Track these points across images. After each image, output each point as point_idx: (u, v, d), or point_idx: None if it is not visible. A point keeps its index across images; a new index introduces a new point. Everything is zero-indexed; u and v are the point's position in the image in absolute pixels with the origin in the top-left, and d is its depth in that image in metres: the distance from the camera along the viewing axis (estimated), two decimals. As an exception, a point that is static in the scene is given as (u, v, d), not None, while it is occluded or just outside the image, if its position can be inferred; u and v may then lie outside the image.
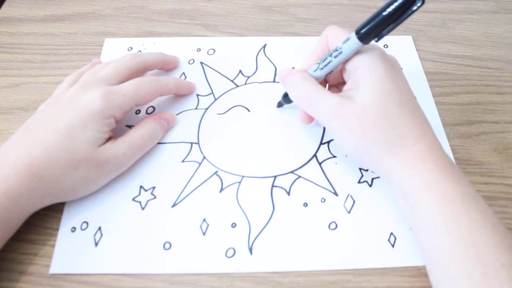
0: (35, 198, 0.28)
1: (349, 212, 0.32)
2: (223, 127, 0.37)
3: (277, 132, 0.36)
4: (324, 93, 0.30)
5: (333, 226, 0.31)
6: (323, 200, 0.32)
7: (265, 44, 0.43)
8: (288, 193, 0.33)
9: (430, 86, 0.40)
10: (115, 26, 0.45)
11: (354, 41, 0.28)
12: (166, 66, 0.40)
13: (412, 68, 0.41)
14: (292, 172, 0.34)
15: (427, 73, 0.41)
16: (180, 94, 0.38)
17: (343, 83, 0.32)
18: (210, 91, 0.39)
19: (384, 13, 0.26)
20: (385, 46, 0.43)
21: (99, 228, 0.31)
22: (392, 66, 0.29)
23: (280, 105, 0.37)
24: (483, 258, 0.24)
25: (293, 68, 0.33)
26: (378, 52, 0.29)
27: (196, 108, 0.38)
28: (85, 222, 0.31)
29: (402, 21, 0.26)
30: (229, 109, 0.38)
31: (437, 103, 0.39)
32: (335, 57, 0.30)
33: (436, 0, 0.49)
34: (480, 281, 0.23)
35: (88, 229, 0.31)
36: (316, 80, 0.31)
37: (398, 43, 0.43)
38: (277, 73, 0.32)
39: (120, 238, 0.30)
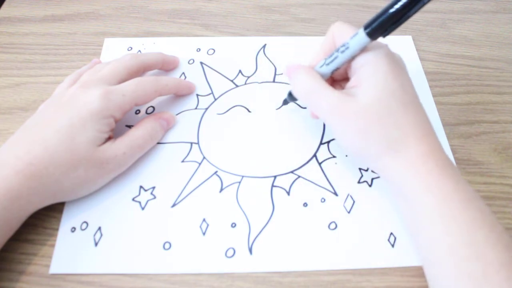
0: (35, 198, 0.28)
1: (349, 212, 0.32)
2: (223, 127, 0.37)
3: (277, 132, 0.36)
4: (326, 89, 0.29)
5: (333, 226, 0.31)
6: (323, 200, 0.32)
7: (265, 44, 0.43)
8: (288, 193, 0.33)
9: (430, 86, 0.40)
10: (115, 26, 0.45)
11: (362, 37, 0.28)
12: (166, 66, 0.40)
13: (412, 68, 0.41)
14: (292, 172, 0.34)
15: (427, 73, 0.41)
16: (180, 94, 0.38)
17: (347, 79, 0.32)
18: (210, 91, 0.39)
19: (392, 9, 0.25)
20: (385, 46, 0.43)
21: (99, 228, 0.31)
22: (397, 64, 0.29)
23: (285, 102, 0.37)
24: (483, 257, 0.24)
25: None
26: (384, 50, 0.29)
27: (196, 108, 0.38)
28: (85, 222, 0.31)
29: (410, 16, 0.26)
30: (229, 109, 0.38)
31: (437, 103, 0.39)
32: (342, 52, 0.29)
33: (436, 0, 0.49)
34: (480, 280, 0.23)
35: (88, 229, 0.31)
36: (321, 76, 0.31)
37: (398, 43, 0.43)
38: (285, 67, 0.32)
39: (120, 238, 0.30)
